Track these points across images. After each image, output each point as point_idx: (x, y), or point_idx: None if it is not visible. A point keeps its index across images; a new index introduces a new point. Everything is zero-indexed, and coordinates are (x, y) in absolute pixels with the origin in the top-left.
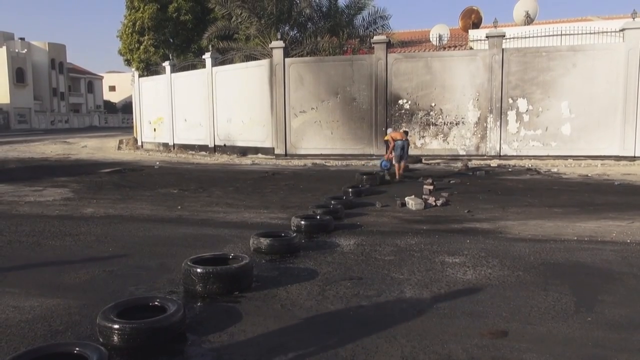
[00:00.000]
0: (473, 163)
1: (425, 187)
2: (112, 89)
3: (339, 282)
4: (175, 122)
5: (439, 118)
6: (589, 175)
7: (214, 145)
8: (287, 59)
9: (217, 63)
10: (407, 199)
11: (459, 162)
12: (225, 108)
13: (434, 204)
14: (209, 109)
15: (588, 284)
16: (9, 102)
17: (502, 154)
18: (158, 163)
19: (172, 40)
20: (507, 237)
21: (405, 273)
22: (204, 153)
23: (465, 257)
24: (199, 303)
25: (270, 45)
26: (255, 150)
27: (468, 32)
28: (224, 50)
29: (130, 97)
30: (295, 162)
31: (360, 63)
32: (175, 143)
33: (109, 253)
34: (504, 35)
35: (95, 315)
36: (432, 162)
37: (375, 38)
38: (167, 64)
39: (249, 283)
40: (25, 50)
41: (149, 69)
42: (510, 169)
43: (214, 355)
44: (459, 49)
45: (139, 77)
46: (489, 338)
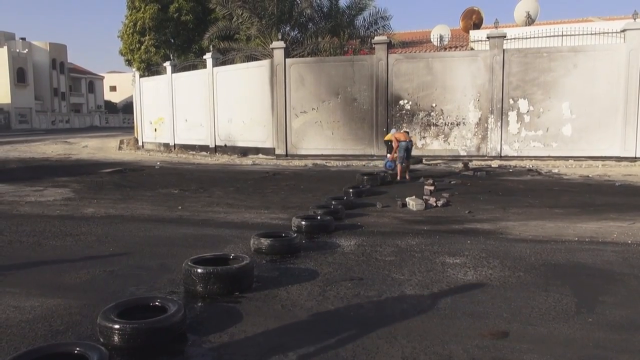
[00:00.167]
0: (474, 164)
1: (426, 187)
2: (113, 89)
3: (340, 282)
4: (176, 122)
5: (440, 119)
6: (590, 176)
7: (215, 146)
8: (288, 60)
9: (218, 63)
10: (407, 200)
11: (460, 162)
12: (226, 108)
13: (435, 205)
14: (210, 109)
15: (589, 285)
16: (10, 102)
17: (502, 155)
18: (159, 163)
19: (173, 41)
20: (508, 237)
21: (406, 273)
22: (205, 153)
23: (466, 257)
24: (200, 303)
25: (271, 46)
26: (256, 151)
27: (469, 32)
28: (225, 51)
29: (131, 97)
30: (296, 162)
31: (361, 63)
32: (176, 143)
33: (110, 253)
34: (505, 36)
35: (96, 315)
36: (432, 162)
37: (376, 38)
38: (167, 64)
39: (250, 283)
40: (26, 50)
41: (150, 69)
42: (511, 170)
43: (215, 356)
44: (460, 50)
45: (140, 77)
46: (490, 339)
